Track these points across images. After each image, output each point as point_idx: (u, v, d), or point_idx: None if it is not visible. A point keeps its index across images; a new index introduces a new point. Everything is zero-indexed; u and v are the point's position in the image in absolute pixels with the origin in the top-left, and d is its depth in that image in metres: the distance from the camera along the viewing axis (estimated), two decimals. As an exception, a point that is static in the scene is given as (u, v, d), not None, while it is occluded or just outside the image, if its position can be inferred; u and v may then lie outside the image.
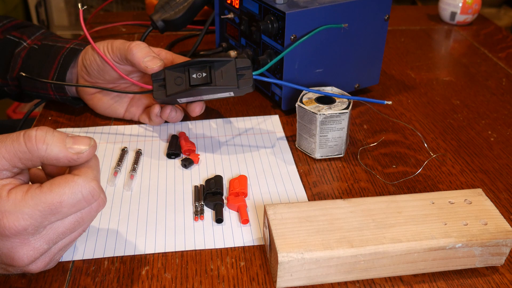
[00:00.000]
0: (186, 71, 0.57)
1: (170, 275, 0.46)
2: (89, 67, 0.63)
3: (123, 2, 2.47)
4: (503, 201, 0.56)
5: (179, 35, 0.99)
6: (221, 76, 0.56)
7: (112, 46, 0.61)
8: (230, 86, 0.56)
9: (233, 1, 0.75)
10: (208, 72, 0.56)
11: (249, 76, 0.57)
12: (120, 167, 0.59)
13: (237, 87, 0.56)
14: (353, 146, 0.65)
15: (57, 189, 0.37)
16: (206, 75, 0.56)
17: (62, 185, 0.38)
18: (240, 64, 0.57)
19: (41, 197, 0.37)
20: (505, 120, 0.72)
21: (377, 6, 0.70)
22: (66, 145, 0.39)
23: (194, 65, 0.57)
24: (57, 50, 0.66)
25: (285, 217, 0.46)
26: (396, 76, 0.85)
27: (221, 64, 0.57)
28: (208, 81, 0.56)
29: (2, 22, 0.71)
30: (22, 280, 0.45)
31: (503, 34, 1.03)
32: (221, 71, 0.56)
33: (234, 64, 0.57)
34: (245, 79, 0.57)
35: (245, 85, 0.57)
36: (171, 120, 0.65)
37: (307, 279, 0.44)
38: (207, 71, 0.56)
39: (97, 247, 0.49)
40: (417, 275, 0.47)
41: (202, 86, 0.56)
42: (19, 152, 0.38)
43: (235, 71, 0.56)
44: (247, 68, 0.57)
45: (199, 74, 0.56)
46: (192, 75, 0.56)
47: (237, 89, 0.57)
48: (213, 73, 0.56)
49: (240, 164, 0.61)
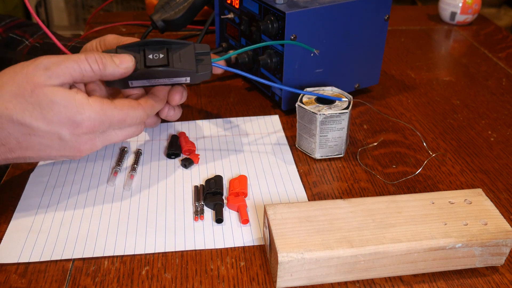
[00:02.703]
0: (141, 51, 0.53)
1: (170, 275, 0.46)
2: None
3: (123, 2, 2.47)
4: (503, 201, 0.56)
5: (179, 35, 0.99)
6: (179, 59, 0.53)
7: (104, 41, 0.61)
8: (188, 70, 0.53)
9: (233, 1, 0.75)
10: (165, 53, 0.53)
11: (208, 62, 0.54)
12: (120, 167, 0.59)
13: (196, 71, 0.53)
14: (353, 146, 0.65)
15: (126, 109, 0.50)
16: (164, 56, 0.53)
17: (129, 108, 0.51)
18: (199, 48, 0.54)
19: (114, 111, 0.49)
20: (505, 120, 0.72)
21: (377, 6, 0.70)
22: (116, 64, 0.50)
23: (151, 45, 0.53)
24: (59, 48, 0.66)
25: (285, 217, 0.46)
26: (396, 76, 0.85)
27: (180, 47, 0.53)
28: (165, 63, 0.52)
29: (4, 21, 0.72)
30: (22, 280, 0.45)
31: (503, 34, 1.03)
32: (179, 54, 0.53)
33: (193, 48, 0.54)
34: (204, 64, 0.54)
35: (204, 71, 0.53)
36: (170, 119, 0.63)
37: (307, 279, 0.44)
38: (164, 52, 0.53)
39: (97, 246, 0.49)
40: (417, 275, 0.47)
41: (159, 67, 0.52)
42: (85, 71, 0.48)
43: (194, 55, 0.53)
44: (206, 53, 0.54)
45: (155, 55, 0.53)
46: (148, 56, 0.52)
47: (195, 74, 0.53)
48: (170, 56, 0.53)
49: (240, 164, 0.61)
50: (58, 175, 0.58)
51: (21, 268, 0.47)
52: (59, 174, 0.58)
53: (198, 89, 0.78)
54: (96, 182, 0.57)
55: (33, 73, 0.46)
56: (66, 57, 0.48)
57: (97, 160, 0.61)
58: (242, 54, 0.74)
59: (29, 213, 0.53)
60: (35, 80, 0.46)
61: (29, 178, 0.58)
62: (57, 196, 0.55)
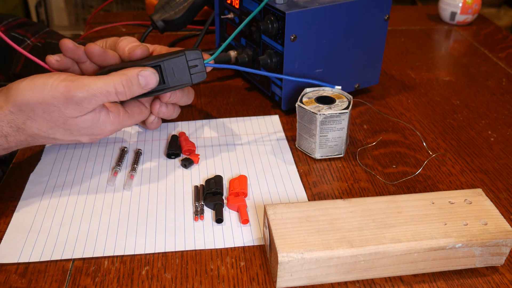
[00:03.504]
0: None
1: (170, 275, 0.46)
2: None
3: (123, 2, 2.47)
4: (503, 201, 0.56)
5: (179, 35, 0.99)
6: (173, 74, 0.55)
7: (106, 42, 0.61)
8: (183, 83, 0.55)
9: (233, 1, 0.75)
10: (158, 73, 0.54)
11: (202, 68, 0.56)
12: (120, 167, 0.59)
13: (191, 82, 0.55)
14: (353, 146, 0.65)
15: (137, 116, 0.58)
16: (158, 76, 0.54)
17: (139, 114, 0.58)
18: (190, 56, 0.55)
19: (128, 120, 0.57)
20: (505, 120, 0.72)
21: (377, 6, 0.70)
22: (142, 86, 0.53)
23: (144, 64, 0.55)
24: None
25: (285, 217, 0.46)
26: (396, 76, 0.85)
27: (171, 61, 0.55)
28: (160, 83, 0.55)
29: (7, 20, 0.72)
30: (22, 280, 0.45)
31: (503, 34, 1.03)
32: (172, 68, 0.55)
33: (185, 58, 0.55)
34: (197, 72, 0.56)
35: (199, 79, 0.56)
36: (163, 116, 0.62)
37: (307, 279, 0.44)
38: (158, 72, 0.54)
39: (97, 246, 0.49)
40: (417, 275, 0.47)
41: (155, 89, 0.54)
42: (112, 100, 0.52)
43: (187, 65, 0.55)
44: (198, 58, 0.55)
45: None
46: None
47: (190, 82, 0.56)
48: (164, 73, 0.55)
49: (240, 164, 0.61)
50: (58, 175, 0.58)
51: (21, 268, 0.47)
52: (59, 174, 0.58)
53: (198, 89, 0.78)
54: (96, 182, 0.57)
55: (65, 107, 0.50)
56: (98, 92, 0.50)
57: (97, 160, 0.61)
58: (242, 54, 0.74)
59: (29, 213, 0.53)
60: (67, 115, 0.50)
61: (29, 178, 0.58)
62: (57, 196, 0.55)
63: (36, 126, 0.51)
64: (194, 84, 0.57)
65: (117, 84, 0.51)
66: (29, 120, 0.50)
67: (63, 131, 0.52)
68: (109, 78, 0.51)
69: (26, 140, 0.52)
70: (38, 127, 0.51)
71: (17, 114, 0.50)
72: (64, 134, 0.53)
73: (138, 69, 0.53)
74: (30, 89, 0.49)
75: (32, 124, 0.50)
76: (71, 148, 0.63)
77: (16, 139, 0.51)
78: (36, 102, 0.49)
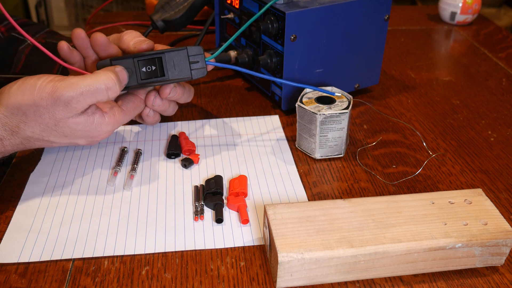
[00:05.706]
0: (135, 63, 0.55)
1: (170, 275, 0.46)
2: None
3: (123, 2, 2.46)
4: (503, 201, 0.56)
5: (179, 35, 0.99)
6: (173, 67, 0.55)
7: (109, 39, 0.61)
8: (183, 78, 0.55)
9: (233, 1, 0.75)
10: (157, 64, 0.55)
11: (202, 64, 0.56)
12: (120, 167, 0.59)
13: (191, 77, 0.56)
14: (353, 146, 0.65)
15: (133, 111, 0.58)
16: (156, 68, 0.55)
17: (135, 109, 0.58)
18: (192, 52, 0.55)
19: (124, 118, 0.56)
20: (505, 120, 0.72)
21: (377, 6, 0.70)
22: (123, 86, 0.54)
23: (142, 57, 0.55)
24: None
25: (285, 217, 0.46)
26: (396, 76, 0.85)
27: (173, 54, 0.55)
28: (158, 74, 0.55)
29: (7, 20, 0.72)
30: (22, 280, 0.45)
31: (503, 34, 1.03)
32: (173, 61, 0.55)
33: (186, 53, 0.55)
34: (198, 68, 0.56)
35: (199, 75, 0.56)
36: (157, 109, 0.61)
37: (307, 279, 0.44)
38: (155, 63, 0.55)
39: (97, 246, 0.49)
40: (417, 275, 0.47)
41: (154, 80, 0.55)
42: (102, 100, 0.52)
43: (188, 60, 0.55)
44: (199, 54, 0.56)
45: (148, 68, 0.55)
46: (142, 69, 0.55)
47: (190, 78, 0.56)
48: (165, 65, 0.55)
49: (240, 164, 0.61)
50: (58, 175, 0.58)
51: (21, 268, 0.47)
52: (59, 174, 0.58)
53: (198, 89, 0.78)
54: (96, 182, 0.57)
55: (54, 109, 0.50)
56: (86, 90, 0.50)
57: (97, 160, 0.61)
58: (242, 54, 0.75)
59: (29, 213, 0.53)
60: (57, 116, 0.50)
61: (29, 178, 0.58)
62: (57, 196, 0.55)
63: (29, 129, 0.51)
64: (193, 79, 0.57)
65: (109, 85, 0.51)
66: (22, 123, 0.50)
67: (56, 133, 0.52)
68: (96, 75, 0.51)
69: (21, 143, 0.52)
70: (31, 130, 0.51)
71: (10, 117, 0.50)
72: (58, 136, 0.52)
73: (114, 66, 0.53)
74: (21, 92, 0.49)
75: (25, 127, 0.50)
76: (71, 148, 0.63)
77: (11, 142, 0.51)
78: (26, 105, 0.49)
